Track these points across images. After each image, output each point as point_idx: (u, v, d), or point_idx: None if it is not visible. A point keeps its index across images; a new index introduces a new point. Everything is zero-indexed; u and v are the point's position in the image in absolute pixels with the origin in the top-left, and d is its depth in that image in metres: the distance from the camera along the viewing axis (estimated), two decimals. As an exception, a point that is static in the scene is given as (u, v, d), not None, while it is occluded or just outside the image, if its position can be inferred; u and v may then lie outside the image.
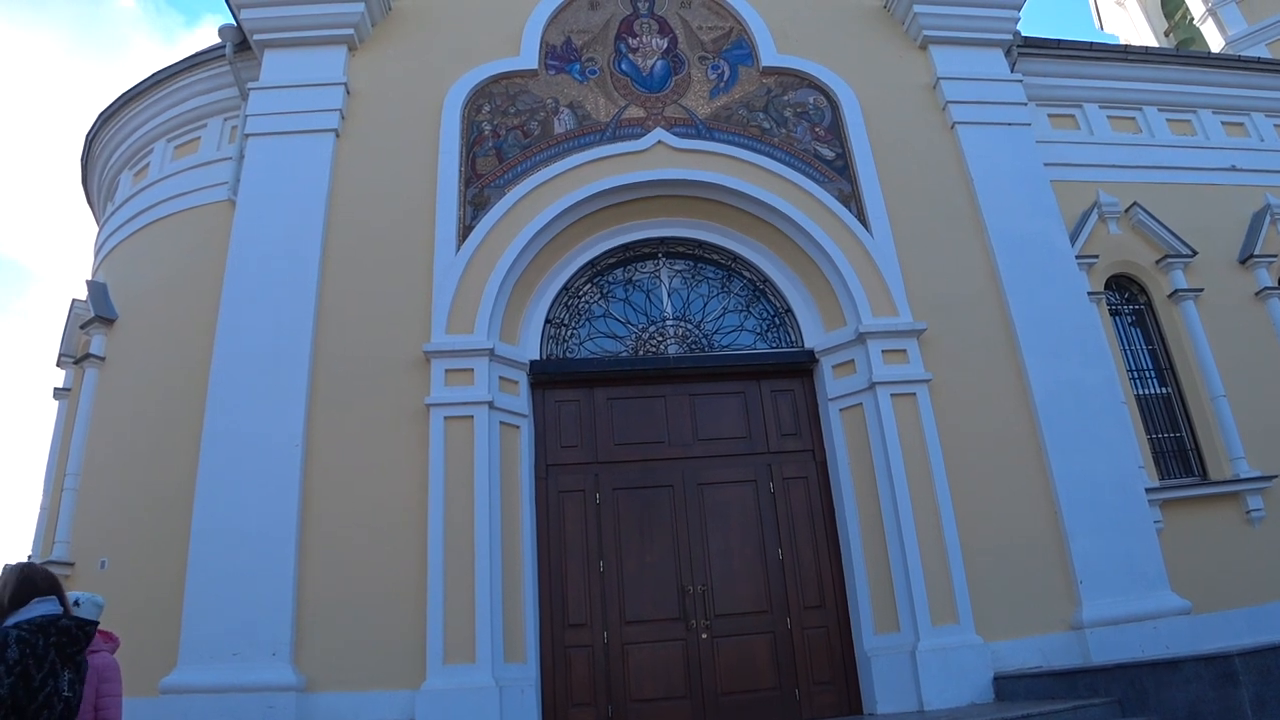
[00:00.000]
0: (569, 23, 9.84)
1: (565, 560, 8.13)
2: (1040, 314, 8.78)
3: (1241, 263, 10.60)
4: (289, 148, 8.81)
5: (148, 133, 10.45)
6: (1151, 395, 10.03)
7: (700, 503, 8.41)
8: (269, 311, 8.07)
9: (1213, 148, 11.37)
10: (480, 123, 9.15)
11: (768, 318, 9.19)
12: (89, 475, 9.07)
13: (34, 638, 3.28)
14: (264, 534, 7.29)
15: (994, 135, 9.65)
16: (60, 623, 3.41)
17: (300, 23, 9.24)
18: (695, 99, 9.50)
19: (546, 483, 8.37)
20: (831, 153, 9.39)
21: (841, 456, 8.40)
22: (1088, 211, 10.23)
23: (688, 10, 10.08)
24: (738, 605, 8.09)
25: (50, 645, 3.32)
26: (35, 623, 3.34)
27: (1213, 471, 9.59)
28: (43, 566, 3.83)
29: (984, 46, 10.19)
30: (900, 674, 7.47)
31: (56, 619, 3.41)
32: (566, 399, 8.71)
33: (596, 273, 9.22)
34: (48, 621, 3.37)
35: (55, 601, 3.50)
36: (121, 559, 8.24)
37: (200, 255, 8.99)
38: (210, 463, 7.57)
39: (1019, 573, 7.89)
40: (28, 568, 3.59)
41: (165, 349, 8.89)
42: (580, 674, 7.78)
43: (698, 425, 8.72)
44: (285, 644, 7.00)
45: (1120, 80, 11.25)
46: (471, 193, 8.76)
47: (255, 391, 7.77)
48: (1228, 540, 9.13)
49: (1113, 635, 7.61)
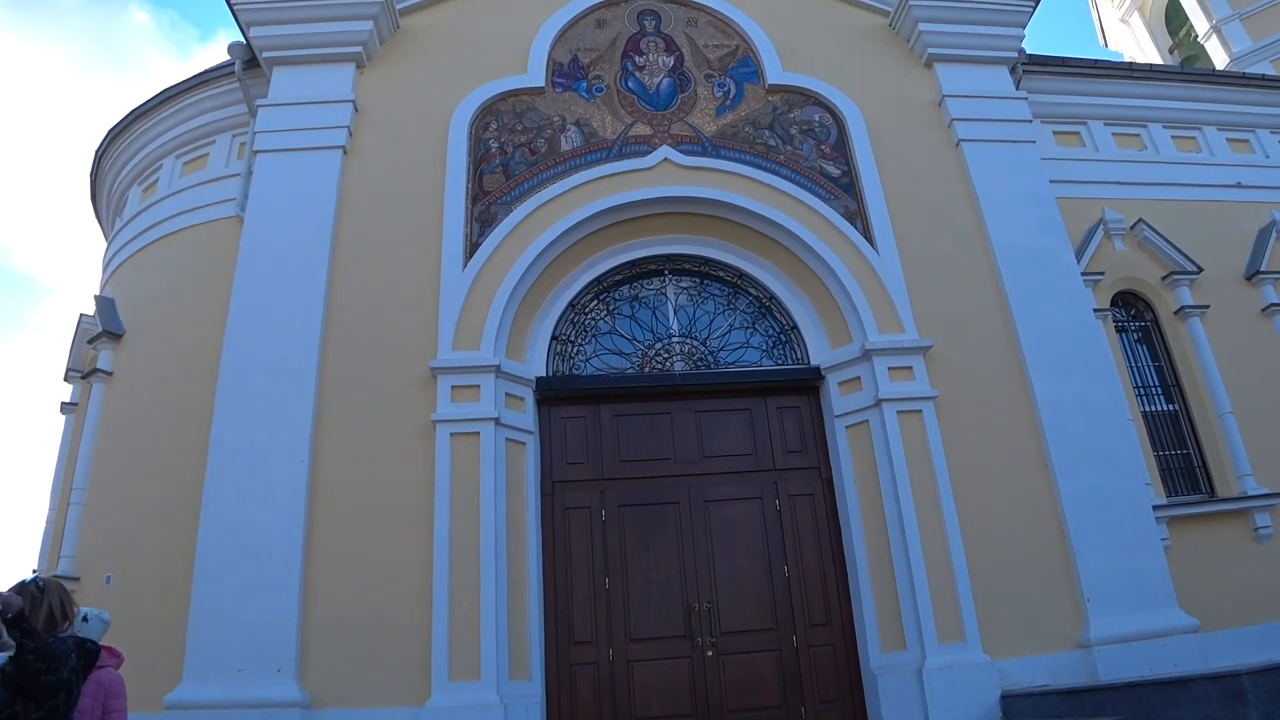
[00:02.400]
0: (576, 41, 9.90)
1: (570, 577, 8.11)
2: (1046, 331, 8.77)
3: (1248, 279, 10.59)
4: (297, 164, 8.85)
5: (156, 149, 10.52)
6: (1158, 412, 10.01)
7: (706, 520, 8.39)
8: (276, 327, 8.09)
9: (1218, 164, 11.38)
10: (487, 140, 9.19)
11: (773, 335, 9.20)
12: (95, 490, 9.08)
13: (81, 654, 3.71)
14: (269, 550, 7.28)
15: (999, 152, 9.67)
16: (86, 645, 3.81)
17: (309, 41, 9.31)
18: (701, 117, 9.54)
19: (552, 499, 8.36)
20: (837, 170, 9.42)
21: (847, 473, 8.38)
22: (1093, 228, 10.24)
23: (694, 29, 10.14)
24: (743, 623, 8.06)
25: (79, 665, 3.68)
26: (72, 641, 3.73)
27: (1220, 489, 9.55)
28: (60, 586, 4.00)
29: (989, 64, 10.22)
30: (906, 692, 7.42)
31: (83, 641, 3.80)
32: (572, 416, 8.71)
33: (603, 289, 9.24)
34: (78, 642, 3.75)
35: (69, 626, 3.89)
36: (127, 574, 8.25)
37: (208, 271, 9.03)
38: (216, 478, 7.58)
39: (1026, 590, 7.86)
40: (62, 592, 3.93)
41: (172, 364, 8.92)
42: (585, 692, 7.74)
43: (703, 442, 8.72)
44: (290, 660, 6.99)
45: (1125, 97, 11.28)
46: (478, 210, 8.79)
47: (262, 407, 7.78)
48: (1236, 558, 9.08)
49: (1120, 654, 7.57)
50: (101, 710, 3.98)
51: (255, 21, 9.24)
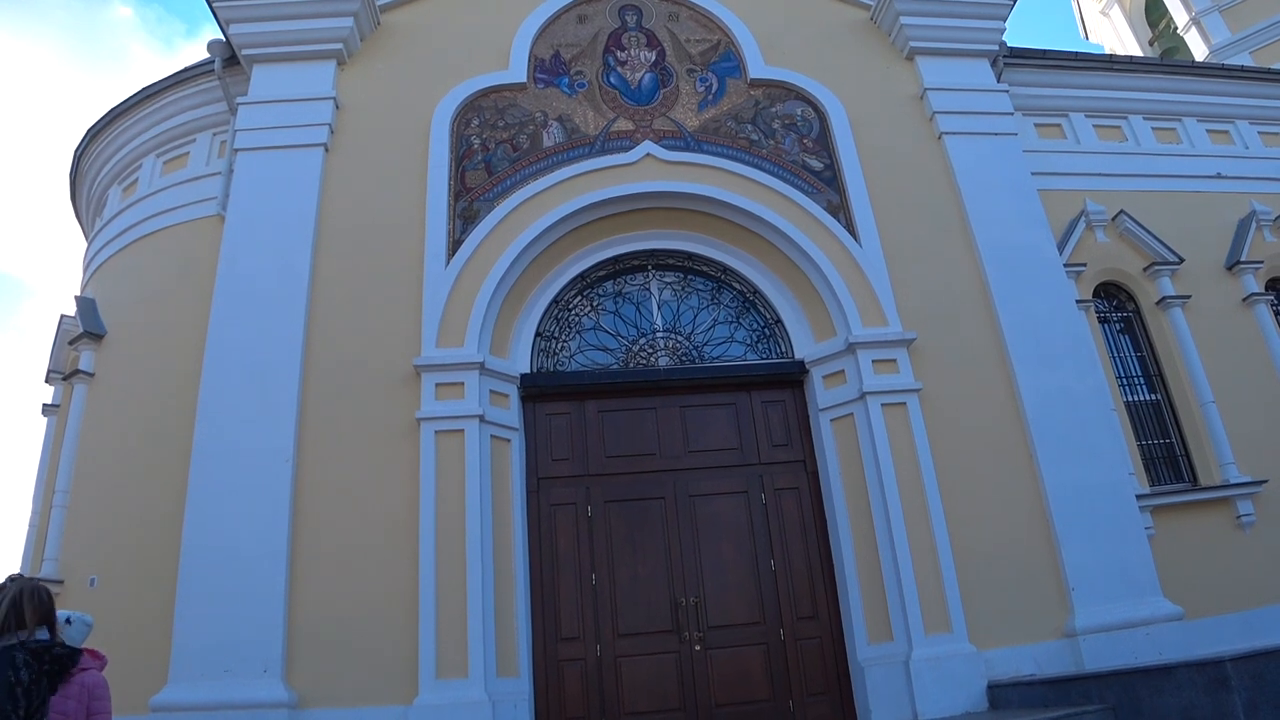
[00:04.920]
0: (557, 36, 9.87)
1: (557, 574, 8.10)
2: (1029, 322, 8.81)
3: (1228, 269, 10.67)
4: (278, 162, 8.80)
5: (136, 148, 10.44)
6: (1141, 402, 10.07)
7: (692, 514, 8.40)
8: (259, 326, 8.04)
9: (1198, 155, 11.46)
10: (469, 136, 9.16)
11: (758, 329, 9.21)
12: (78, 492, 9.01)
13: (35, 662, 3.56)
14: (254, 550, 7.25)
15: (981, 145, 9.70)
16: (54, 651, 3.67)
17: (289, 38, 9.25)
18: (684, 111, 9.53)
19: (538, 496, 8.35)
20: (820, 164, 9.43)
21: (833, 466, 8.40)
22: (1075, 220, 10.30)
23: (675, 23, 10.13)
24: (731, 617, 8.08)
25: (44, 672, 3.57)
26: (30, 648, 3.58)
27: (1203, 477, 9.63)
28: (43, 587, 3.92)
29: (970, 57, 10.25)
30: (894, 684, 7.46)
31: (50, 646, 3.67)
32: (557, 412, 8.70)
33: (586, 285, 9.22)
34: (43, 648, 3.62)
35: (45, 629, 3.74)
36: (111, 576, 8.20)
37: (189, 271, 8.97)
38: (200, 478, 7.54)
39: (1011, 581, 7.90)
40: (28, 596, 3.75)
41: (154, 365, 8.87)
42: (573, 688, 7.75)
43: (689, 437, 8.72)
44: (276, 661, 6.96)
45: (1106, 89, 11.34)
46: (461, 206, 8.76)
47: (245, 407, 7.74)
48: (1219, 545, 9.17)
49: (1106, 642, 7.63)
50: (86, 713, 3.96)
51: (235, 19, 9.17)
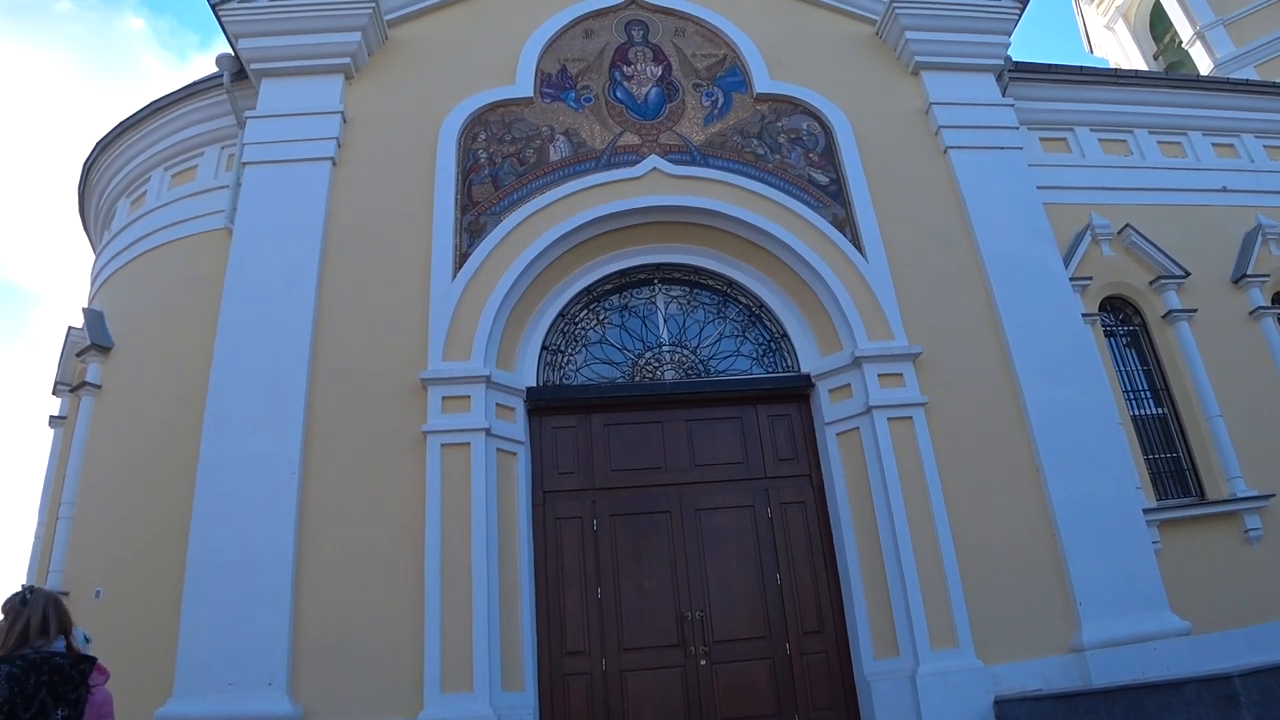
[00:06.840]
0: (564, 51, 9.92)
1: (563, 587, 8.09)
2: (1035, 336, 8.81)
3: (1234, 283, 10.66)
4: (286, 176, 8.83)
5: (145, 161, 10.49)
6: (1148, 416, 10.04)
7: (698, 528, 8.39)
8: (265, 339, 8.05)
9: (1204, 169, 11.45)
10: (476, 150, 9.20)
11: (764, 343, 9.21)
12: (84, 504, 9.03)
13: (25, 675, 3.30)
14: (260, 562, 7.24)
15: (986, 159, 9.72)
16: (54, 661, 3.41)
17: (297, 52, 9.30)
18: (690, 126, 9.56)
19: (544, 509, 8.35)
20: (825, 178, 9.45)
21: (839, 480, 8.40)
22: (1081, 234, 10.29)
23: (681, 38, 10.17)
24: (736, 631, 8.06)
25: (42, 684, 3.32)
26: (28, 659, 3.35)
27: (1210, 491, 9.58)
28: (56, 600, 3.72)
29: (975, 71, 10.28)
30: (900, 699, 7.42)
31: (50, 656, 3.41)
32: (563, 425, 8.70)
33: (593, 299, 9.24)
34: (41, 659, 3.38)
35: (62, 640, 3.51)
36: (117, 588, 8.21)
37: (197, 284, 8.99)
38: (206, 491, 7.53)
39: (1018, 595, 7.87)
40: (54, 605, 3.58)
41: (162, 377, 8.89)
42: (578, 702, 7.72)
43: (695, 451, 8.72)
44: (282, 673, 6.94)
45: (1111, 103, 11.35)
46: (468, 220, 8.79)
47: (252, 420, 7.74)
48: (1227, 560, 9.12)
49: (1113, 657, 7.58)
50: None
51: (243, 33, 9.23)
